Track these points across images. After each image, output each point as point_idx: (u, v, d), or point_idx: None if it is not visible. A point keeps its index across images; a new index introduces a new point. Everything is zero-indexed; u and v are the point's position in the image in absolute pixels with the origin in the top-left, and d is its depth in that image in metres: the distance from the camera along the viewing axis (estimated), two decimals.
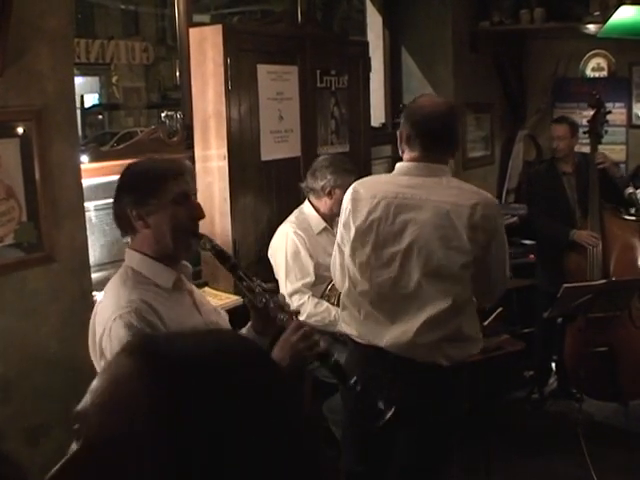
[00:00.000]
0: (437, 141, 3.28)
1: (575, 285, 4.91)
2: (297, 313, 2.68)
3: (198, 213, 2.60)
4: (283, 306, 2.63)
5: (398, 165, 3.38)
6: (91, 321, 2.57)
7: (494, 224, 3.20)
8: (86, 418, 0.94)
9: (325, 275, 4.33)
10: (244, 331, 2.84)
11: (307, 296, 4.43)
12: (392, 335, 3.26)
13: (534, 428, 5.57)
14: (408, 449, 3.38)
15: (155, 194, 2.51)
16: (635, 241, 5.61)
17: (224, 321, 2.84)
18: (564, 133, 5.89)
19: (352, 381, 2.61)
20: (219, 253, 2.65)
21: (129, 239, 2.66)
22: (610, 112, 6.01)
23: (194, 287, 2.81)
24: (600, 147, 5.95)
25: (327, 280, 4.46)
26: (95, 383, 0.96)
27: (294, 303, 4.24)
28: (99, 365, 2.49)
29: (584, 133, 5.93)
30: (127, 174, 2.64)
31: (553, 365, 6.15)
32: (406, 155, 3.35)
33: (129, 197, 2.54)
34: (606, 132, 5.91)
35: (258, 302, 2.61)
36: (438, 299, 3.18)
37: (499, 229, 3.24)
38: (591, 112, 5.94)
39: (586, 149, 6.03)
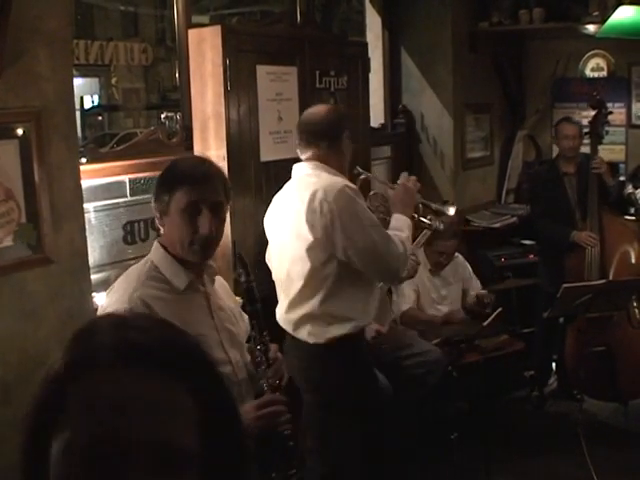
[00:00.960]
0: (313, 140, 3.76)
1: (575, 285, 4.91)
2: (279, 388, 2.63)
3: (205, 229, 2.53)
4: (269, 377, 2.59)
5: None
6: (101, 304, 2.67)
7: (333, 207, 3.50)
8: None
9: None
10: None
11: None
12: (279, 311, 3.87)
13: (534, 428, 5.57)
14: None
15: (167, 194, 2.54)
16: (633, 241, 5.61)
17: (241, 330, 2.77)
18: (576, 132, 5.90)
19: (292, 471, 2.52)
20: (249, 292, 2.63)
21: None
22: (611, 112, 6.01)
23: (217, 289, 2.76)
24: (600, 147, 5.96)
25: None
26: None
27: None
28: None
29: (585, 134, 5.93)
30: (165, 168, 2.69)
31: (553, 365, 6.15)
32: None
33: (155, 190, 2.60)
34: (607, 133, 5.91)
35: (255, 356, 2.60)
36: (296, 281, 3.65)
37: (343, 211, 3.49)
38: (591, 112, 5.96)
39: (585, 149, 6.03)
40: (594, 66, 7.48)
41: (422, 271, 5.48)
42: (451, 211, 3.82)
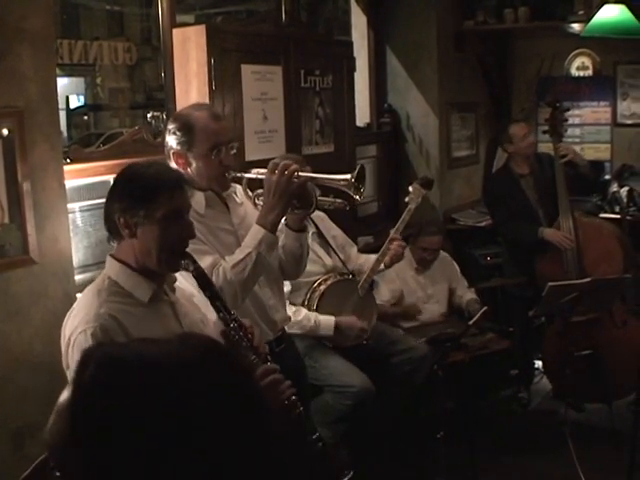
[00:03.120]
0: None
1: (560, 284, 4.90)
2: (268, 355, 2.59)
3: (188, 233, 2.52)
4: (257, 347, 2.55)
5: None
6: (62, 326, 2.51)
7: None
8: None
9: (304, 281, 4.31)
10: None
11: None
12: None
13: (521, 427, 5.57)
14: None
15: (145, 206, 2.41)
16: (608, 239, 5.57)
17: (211, 332, 2.70)
18: (531, 129, 5.88)
19: (314, 436, 2.50)
20: (200, 277, 2.56)
21: (115, 244, 2.57)
22: (568, 109, 5.98)
23: (179, 296, 2.69)
24: (585, 145, 5.98)
25: (307, 286, 4.46)
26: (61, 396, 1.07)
27: None
28: (67, 371, 2.46)
29: (543, 133, 5.89)
30: (121, 177, 2.54)
31: (540, 364, 6.15)
32: None
33: (118, 203, 2.45)
34: (566, 131, 5.89)
35: (231, 337, 2.54)
36: None
37: None
38: (576, 111, 5.94)
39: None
40: (579, 65, 7.50)
41: (407, 270, 5.50)
42: (346, 176, 3.12)
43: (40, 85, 3.47)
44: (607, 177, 7.19)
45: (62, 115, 4.45)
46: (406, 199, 4.82)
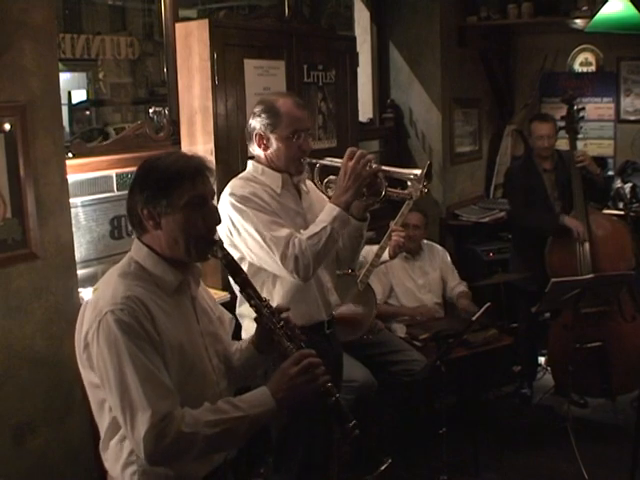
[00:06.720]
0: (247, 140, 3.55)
1: (563, 280, 4.89)
2: (304, 341, 2.52)
3: (214, 219, 2.47)
4: (291, 333, 2.50)
5: None
6: (81, 311, 2.42)
7: (226, 212, 3.31)
8: None
9: None
10: (244, 344, 2.71)
11: None
12: None
13: (523, 423, 5.57)
14: None
15: (167, 195, 2.37)
16: (622, 236, 5.57)
17: (224, 332, 2.69)
18: (551, 131, 5.81)
19: (351, 424, 2.41)
20: (230, 264, 2.52)
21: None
22: (584, 108, 5.97)
23: (201, 292, 2.63)
24: (589, 142, 5.96)
25: None
26: None
27: None
28: (81, 357, 2.35)
29: (561, 129, 5.87)
30: (141, 169, 2.48)
31: (542, 360, 6.14)
32: None
33: (140, 195, 2.39)
34: (581, 128, 5.87)
35: (264, 324, 2.51)
36: None
37: (231, 217, 3.30)
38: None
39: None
40: (583, 61, 7.50)
41: (396, 260, 5.43)
42: (416, 171, 3.35)
43: (42, 80, 3.47)
44: (610, 173, 7.19)
45: (64, 110, 4.45)
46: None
